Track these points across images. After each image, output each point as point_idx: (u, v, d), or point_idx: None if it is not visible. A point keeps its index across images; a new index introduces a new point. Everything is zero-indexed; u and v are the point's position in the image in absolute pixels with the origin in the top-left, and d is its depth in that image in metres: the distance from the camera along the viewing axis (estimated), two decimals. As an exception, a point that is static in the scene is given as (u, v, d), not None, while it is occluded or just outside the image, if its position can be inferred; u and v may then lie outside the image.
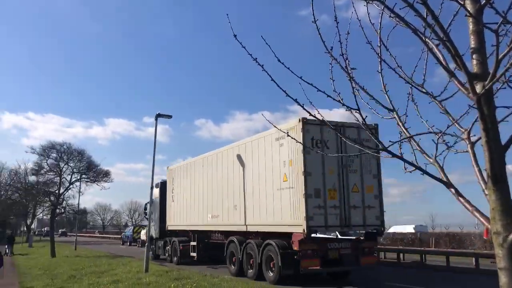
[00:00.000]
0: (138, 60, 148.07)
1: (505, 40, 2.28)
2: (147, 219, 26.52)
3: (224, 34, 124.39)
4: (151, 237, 22.89)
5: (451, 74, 2.49)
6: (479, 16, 2.35)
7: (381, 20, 2.86)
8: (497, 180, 2.29)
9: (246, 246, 14.67)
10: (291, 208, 12.66)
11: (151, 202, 22.47)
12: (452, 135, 2.85)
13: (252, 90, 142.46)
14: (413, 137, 2.86)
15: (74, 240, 39.39)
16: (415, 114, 3.07)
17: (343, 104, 2.86)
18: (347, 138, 3.05)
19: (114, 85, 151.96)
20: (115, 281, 13.32)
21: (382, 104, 2.94)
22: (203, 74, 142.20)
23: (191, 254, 19.73)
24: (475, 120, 2.55)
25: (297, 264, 12.49)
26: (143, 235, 32.62)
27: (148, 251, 16.96)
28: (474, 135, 2.59)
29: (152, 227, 23.13)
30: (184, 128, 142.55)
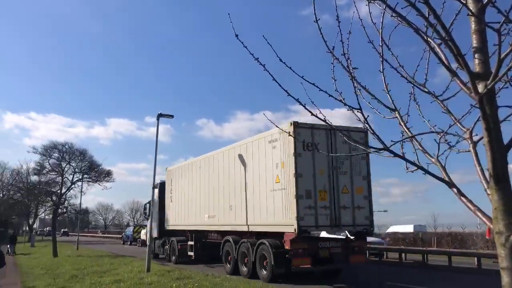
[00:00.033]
0: (140, 60, 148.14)
1: (507, 39, 2.28)
2: (147, 219, 26.84)
3: (226, 34, 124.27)
4: (150, 236, 22.90)
5: (453, 74, 2.48)
6: (481, 15, 2.35)
7: (382, 19, 2.86)
8: (499, 180, 2.29)
9: (240, 245, 15.00)
10: (283, 209, 12.98)
11: (153, 202, 22.60)
12: (454, 135, 2.84)
13: (254, 89, 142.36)
14: (415, 136, 2.85)
15: (76, 240, 39.46)
16: (417, 114, 3.08)
17: (345, 103, 2.86)
18: (353, 140, 3.05)
19: (115, 85, 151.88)
20: (117, 280, 13.33)
21: (384, 104, 2.94)
22: (205, 73, 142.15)
23: (189, 254, 19.97)
24: (477, 120, 2.54)
25: (289, 263, 12.81)
26: (143, 234, 32.73)
27: (150, 251, 17.00)
28: (476, 134, 2.59)
29: (151, 227, 23.36)
30: (186, 128, 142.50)
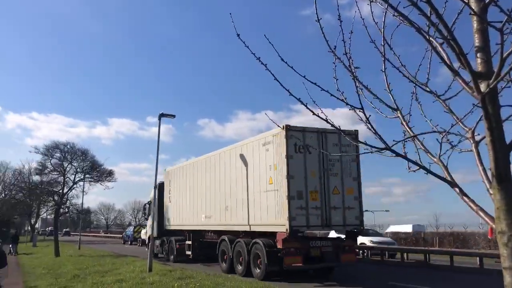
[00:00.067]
0: (141, 59, 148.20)
1: (509, 39, 2.27)
2: (146, 219, 27.26)
3: (226, 34, 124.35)
4: (150, 236, 23.30)
5: (455, 73, 2.47)
6: (483, 15, 2.34)
7: (384, 19, 2.85)
8: (501, 179, 2.28)
9: (236, 244, 15.41)
10: (275, 209, 13.39)
11: (154, 202, 22.87)
12: (456, 134, 2.83)
13: (255, 89, 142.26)
14: (417, 136, 2.85)
15: (77, 240, 39.53)
16: (419, 113, 3.07)
17: (347, 103, 2.85)
18: (358, 142, 3.05)
19: (117, 85, 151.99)
20: (119, 280, 13.35)
21: (386, 103, 2.93)
22: (206, 73, 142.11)
23: (187, 253, 20.38)
24: (480, 119, 2.53)
25: (281, 261, 13.19)
26: (143, 234, 32.92)
27: (152, 250, 17.06)
28: (479, 134, 2.58)
29: (151, 226, 23.61)
30: (188, 127, 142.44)
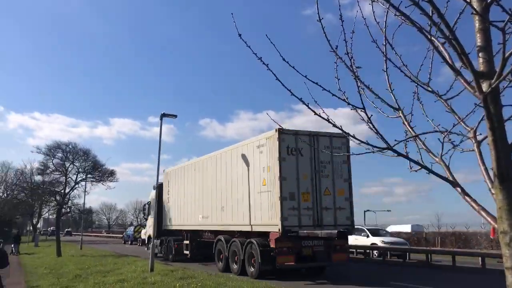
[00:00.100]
0: (143, 59, 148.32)
1: (511, 38, 2.27)
2: (146, 219, 27.60)
3: (227, 34, 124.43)
4: (149, 236, 23.91)
5: (457, 73, 2.47)
6: (485, 14, 2.34)
7: (386, 18, 2.86)
8: (503, 179, 2.28)
9: (231, 244, 15.79)
10: (269, 210, 13.78)
11: (156, 202, 23.10)
12: (458, 134, 2.83)
13: (257, 89, 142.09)
14: (418, 136, 2.84)
15: (79, 240, 39.56)
16: (421, 113, 3.07)
17: (348, 103, 2.85)
18: (360, 142, 3.05)
19: (119, 85, 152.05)
20: (120, 280, 13.36)
21: (388, 103, 2.93)
22: (208, 73, 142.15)
23: (185, 252, 20.72)
24: (481, 119, 2.53)
25: (274, 261, 13.50)
26: (143, 234, 33.06)
27: (153, 250, 17.07)
28: (480, 134, 2.58)
29: (150, 226, 24.01)
30: (189, 127, 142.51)
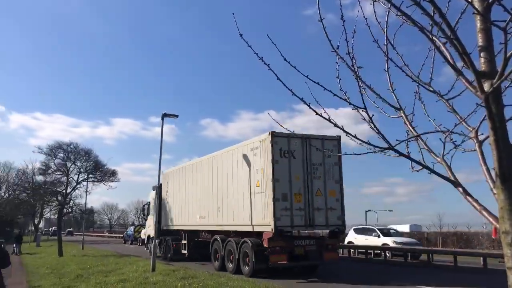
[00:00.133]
0: (143, 59, 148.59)
1: (513, 38, 2.26)
2: (145, 220, 27.95)
3: (228, 33, 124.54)
4: (149, 236, 24.41)
5: (459, 73, 2.47)
6: (487, 14, 2.33)
7: (387, 18, 2.85)
8: (505, 179, 2.27)
9: (227, 244, 16.20)
10: (262, 210, 14.14)
11: (157, 203, 23.30)
12: (460, 134, 2.82)
13: (258, 89, 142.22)
14: (420, 136, 2.84)
15: (81, 239, 39.61)
16: (422, 113, 3.05)
17: (350, 103, 2.84)
18: (361, 142, 3.06)
19: (120, 85, 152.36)
20: (122, 280, 13.38)
21: (389, 103, 2.92)
22: (209, 73, 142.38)
23: (183, 252, 21.08)
24: (483, 119, 2.52)
25: (267, 259, 13.83)
26: (143, 234, 33.18)
27: (155, 250, 17.10)
28: (482, 133, 2.57)
29: (150, 226, 24.38)
30: (190, 127, 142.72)
